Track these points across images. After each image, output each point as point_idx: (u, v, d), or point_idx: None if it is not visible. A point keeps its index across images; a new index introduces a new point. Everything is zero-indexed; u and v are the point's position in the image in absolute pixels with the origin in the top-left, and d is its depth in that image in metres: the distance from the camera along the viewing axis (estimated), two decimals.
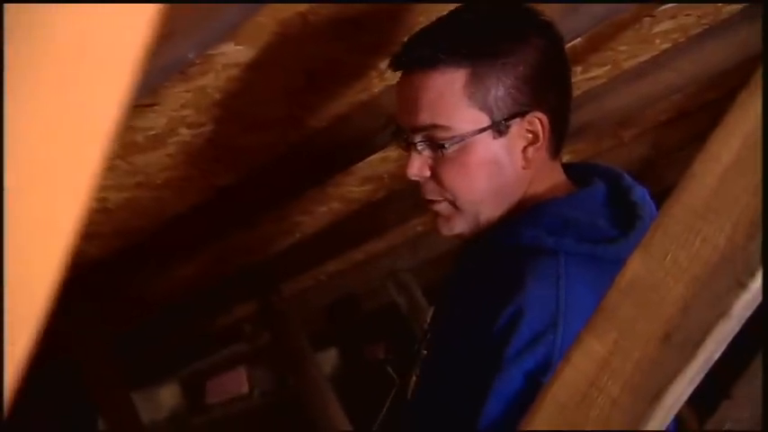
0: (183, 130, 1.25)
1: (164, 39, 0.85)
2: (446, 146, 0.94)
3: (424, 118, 0.94)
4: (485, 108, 0.93)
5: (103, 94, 0.21)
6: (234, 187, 1.53)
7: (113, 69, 0.21)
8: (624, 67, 1.60)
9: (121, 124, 0.23)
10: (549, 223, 0.94)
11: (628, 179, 1.01)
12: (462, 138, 0.93)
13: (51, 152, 0.21)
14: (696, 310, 0.51)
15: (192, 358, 3.35)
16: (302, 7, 1.01)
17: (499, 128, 0.94)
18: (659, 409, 0.54)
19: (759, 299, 0.51)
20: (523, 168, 0.96)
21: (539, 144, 0.95)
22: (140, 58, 0.22)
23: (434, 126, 0.94)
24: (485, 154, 0.94)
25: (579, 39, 1.31)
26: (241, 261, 2.26)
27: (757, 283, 0.49)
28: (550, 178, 0.99)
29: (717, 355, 0.52)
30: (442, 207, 0.98)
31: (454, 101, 0.93)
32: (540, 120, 0.95)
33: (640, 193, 0.99)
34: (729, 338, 0.52)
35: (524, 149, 0.95)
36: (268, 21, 1.00)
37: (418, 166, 0.97)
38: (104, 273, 1.81)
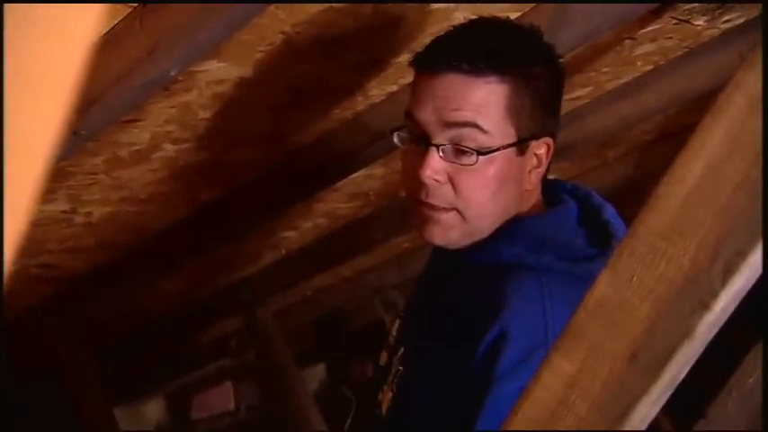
0: (168, 146, 1.25)
1: (146, 55, 0.86)
2: (482, 153, 0.92)
3: (468, 115, 0.91)
4: (515, 125, 0.93)
5: (40, 118, 0.21)
6: (218, 202, 1.54)
7: (49, 94, 0.21)
8: (606, 89, 1.62)
9: (59, 149, 0.24)
10: (527, 240, 0.94)
11: (597, 198, 1.03)
12: (496, 149, 0.92)
13: None
14: (661, 330, 0.52)
15: (178, 373, 3.33)
16: (286, 26, 1.01)
17: (522, 147, 0.94)
18: (625, 427, 0.54)
19: (723, 320, 0.51)
20: (526, 191, 0.97)
21: (541, 169, 0.97)
22: (76, 84, 0.23)
23: (475, 126, 0.91)
24: (506, 170, 0.93)
25: (561, 60, 1.33)
26: (227, 276, 2.26)
27: (720, 305, 0.50)
28: (532, 200, 1.01)
29: (682, 375, 0.53)
30: (448, 216, 0.95)
31: (495, 110, 0.92)
32: (547, 145, 0.97)
33: (611, 211, 1.00)
34: (694, 359, 0.52)
35: (530, 172, 0.96)
36: (252, 39, 1.01)
37: (435, 168, 0.92)
38: (89, 287, 1.80)
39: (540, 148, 0.96)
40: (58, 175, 1.23)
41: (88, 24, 0.23)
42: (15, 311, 1.84)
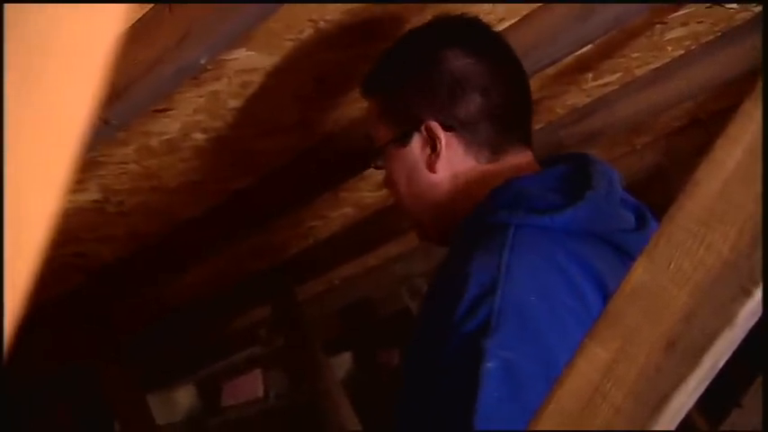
0: (197, 135, 1.25)
1: (176, 44, 0.85)
2: (370, 157, 1.12)
3: (366, 129, 1.14)
4: (392, 125, 1.06)
5: (73, 94, 0.21)
6: (247, 191, 1.54)
7: (83, 69, 0.21)
8: (636, 74, 1.59)
9: (90, 124, 0.23)
10: (502, 199, 0.97)
11: (592, 159, 1.04)
12: (379, 149, 1.09)
13: (21, 152, 0.20)
14: (700, 317, 0.51)
15: (209, 361, 3.36)
16: (314, 14, 1.01)
17: (402, 140, 1.05)
18: (663, 416, 0.53)
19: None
20: (432, 173, 1.03)
21: (438, 150, 1.02)
22: (110, 57, 0.22)
23: (369, 137, 1.12)
24: (395, 164, 1.07)
25: (591, 45, 1.31)
26: (255, 265, 2.27)
27: (762, 291, 0.49)
28: (511, 173, 1.02)
29: (721, 363, 0.52)
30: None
31: (376, 120, 1.09)
32: (432, 128, 1.02)
33: (600, 168, 1.01)
34: (734, 346, 0.51)
35: (429, 156, 1.03)
36: (279, 27, 1.00)
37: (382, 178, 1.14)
38: (120, 276, 1.82)
39: (429, 132, 1.03)
40: (89, 165, 1.24)
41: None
42: (48, 300, 1.86)
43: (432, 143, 1.03)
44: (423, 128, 1.03)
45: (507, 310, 0.85)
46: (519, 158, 1.04)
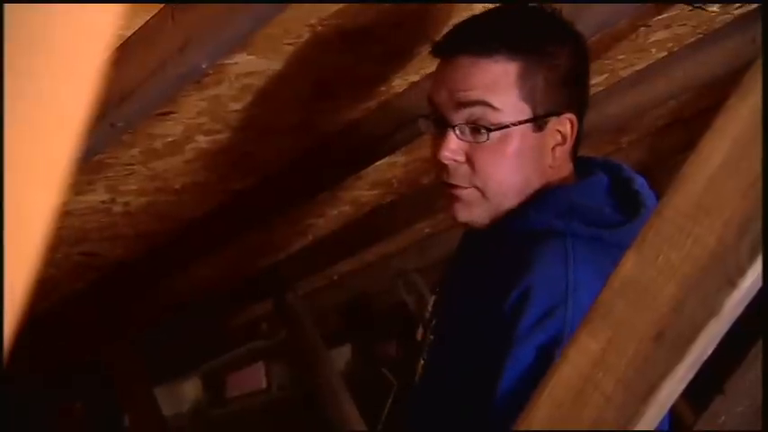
0: (200, 137, 1.24)
1: (178, 50, 0.85)
2: (492, 129, 0.91)
3: (478, 94, 0.91)
4: (529, 101, 0.92)
5: (70, 91, 0.20)
6: (249, 191, 1.53)
7: (79, 66, 0.20)
8: (621, 76, 1.59)
9: (92, 116, 0.22)
10: (556, 208, 0.93)
11: (627, 170, 1.01)
12: (507, 125, 0.92)
13: (22, 145, 0.20)
14: (688, 309, 0.50)
15: (213, 354, 3.35)
16: (312, 19, 1.00)
17: (539, 123, 0.93)
18: (652, 405, 0.52)
19: (749, 297, 0.49)
20: (549, 167, 0.95)
21: (566, 145, 0.96)
22: (106, 55, 0.22)
23: (485, 104, 0.91)
24: (522, 146, 0.93)
25: (582, 39, 1.30)
26: (257, 262, 2.26)
27: (747, 282, 0.48)
28: (562, 174, 0.99)
29: (708, 353, 0.51)
30: (468, 193, 0.94)
31: (507, 88, 0.91)
32: (570, 121, 0.95)
33: (641, 182, 0.98)
34: (720, 336, 0.51)
35: (553, 149, 0.95)
36: (278, 32, 1.00)
37: (453, 149, 0.93)
38: (128, 273, 1.81)
39: (563, 124, 0.94)
40: (97, 167, 1.23)
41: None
42: (60, 297, 1.85)
43: (562, 136, 0.94)
44: (564, 118, 0.94)
45: (577, 322, 0.84)
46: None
